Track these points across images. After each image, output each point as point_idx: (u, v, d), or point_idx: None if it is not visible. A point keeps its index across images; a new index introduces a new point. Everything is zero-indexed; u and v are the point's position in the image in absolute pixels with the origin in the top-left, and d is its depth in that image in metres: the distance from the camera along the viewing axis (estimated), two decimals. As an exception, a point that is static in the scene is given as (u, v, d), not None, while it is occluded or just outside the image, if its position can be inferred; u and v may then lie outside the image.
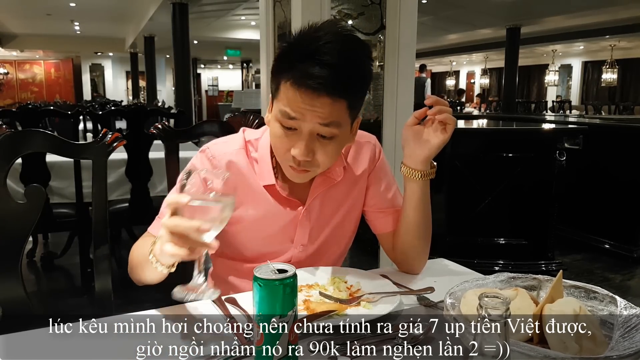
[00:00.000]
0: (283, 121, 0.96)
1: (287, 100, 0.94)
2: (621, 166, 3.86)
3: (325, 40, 0.92)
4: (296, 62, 0.92)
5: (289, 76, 0.93)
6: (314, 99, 0.92)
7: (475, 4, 9.73)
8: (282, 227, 1.11)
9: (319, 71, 0.90)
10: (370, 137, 1.21)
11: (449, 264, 1.22)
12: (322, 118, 0.93)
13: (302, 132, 0.95)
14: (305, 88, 0.91)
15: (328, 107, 0.93)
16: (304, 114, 0.93)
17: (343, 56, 0.92)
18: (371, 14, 2.67)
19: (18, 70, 18.91)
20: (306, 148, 0.95)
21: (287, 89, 0.94)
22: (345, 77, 0.93)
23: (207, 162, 1.07)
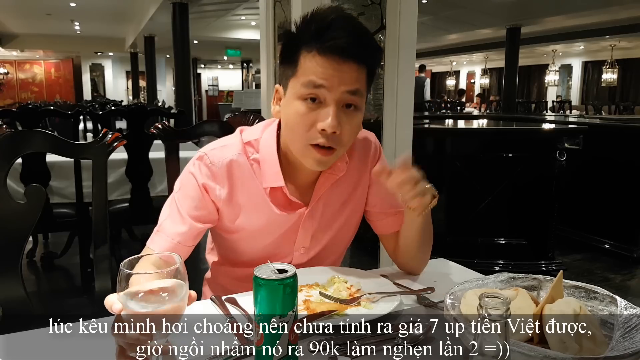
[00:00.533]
0: (308, 93, 0.94)
1: (312, 69, 0.94)
2: (621, 166, 3.86)
3: (337, 15, 0.96)
4: (317, 33, 0.94)
5: (312, 46, 0.94)
6: (342, 64, 0.93)
7: (475, 4, 9.72)
8: (284, 232, 1.08)
9: (344, 37, 0.92)
10: (368, 134, 1.19)
11: (449, 264, 1.22)
12: (350, 84, 0.94)
13: (329, 102, 0.94)
14: (333, 53, 0.92)
15: (355, 73, 0.95)
16: (331, 79, 0.93)
17: (361, 27, 0.98)
18: (371, 13, 2.67)
19: (18, 70, 18.91)
20: (335, 118, 0.94)
21: (311, 58, 0.94)
22: (366, 44, 0.97)
23: (206, 169, 1.02)
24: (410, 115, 2.64)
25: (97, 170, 1.20)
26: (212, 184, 1.02)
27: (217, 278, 1.20)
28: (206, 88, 22.26)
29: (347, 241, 1.21)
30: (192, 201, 1.02)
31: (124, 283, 0.62)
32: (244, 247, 1.10)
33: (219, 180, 1.02)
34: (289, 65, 0.98)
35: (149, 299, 0.63)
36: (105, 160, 1.21)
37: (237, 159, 1.03)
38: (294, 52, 0.97)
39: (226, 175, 1.02)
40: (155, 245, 1.01)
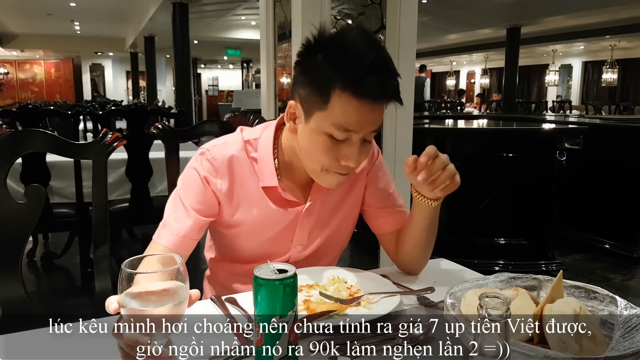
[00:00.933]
0: (336, 134, 0.94)
1: (345, 112, 0.91)
2: (621, 166, 3.86)
3: (367, 48, 0.92)
4: (357, 77, 0.90)
5: (348, 88, 0.90)
6: (374, 108, 0.93)
7: (475, 4, 9.72)
8: (282, 229, 1.10)
9: (377, 80, 0.90)
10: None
11: (449, 264, 1.22)
12: (376, 125, 0.95)
13: (355, 141, 0.95)
14: (369, 99, 0.91)
15: (381, 113, 0.95)
16: (362, 125, 0.93)
17: (388, 61, 0.94)
18: (371, 13, 2.67)
19: (18, 70, 18.91)
20: (360, 154, 0.96)
21: (346, 100, 0.91)
22: (394, 81, 0.94)
23: (208, 164, 1.04)
24: (410, 115, 2.64)
25: (97, 170, 1.20)
26: (214, 178, 1.04)
27: (216, 275, 1.21)
28: (206, 88, 22.25)
29: (344, 240, 1.22)
30: (195, 195, 1.04)
31: (125, 283, 0.62)
32: (242, 244, 1.11)
33: (220, 174, 1.04)
34: (318, 96, 0.94)
35: (149, 299, 0.63)
36: (106, 160, 1.21)
37: (237, 155, 1.05)
38: (326, 86, 0.92)
39: (227, 170, 1.04)
40: (162, 239, 1.02)
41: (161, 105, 9.55)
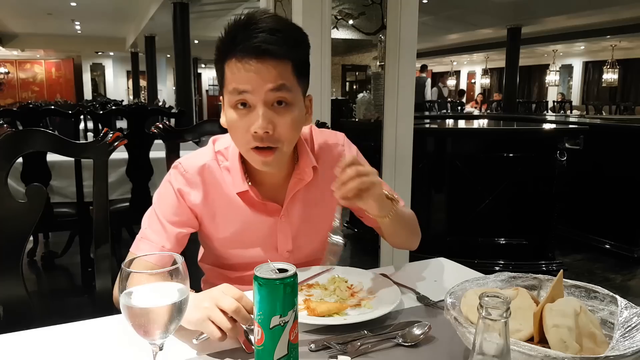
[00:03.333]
0: (235, 100, 0.96)
1: (233, 76, 0.95)
2: (622, 166, 3.85)
3: (249, 17, 0.95)
4: (231, 41, 0.94)
5: (230, 55, 0.95)
6: (258, 64, 0.93)
7: (476, 4, 9.72)
8: (263, 235, 1.09)
9: (258, 37, 0.92)
10: (337, 136, 1.19)
11: (449, 263, 1.22)
12: (271, 81, 0.94)
13: (256, 105, 0.95)
14: (249, 56, 0.93)
15: (274, 70, 0.94)
16: (252, 82, 0.94)
17: (278, 21, 0.96)
18: (372, 13, 2.67)
19: (19, 70, 18.92)
20: (264, 118, 0.94)
21: (232, 66, 0.95)
22: (285, 38, 0.95)
23: (180, 176, 1.06)
24: (410, 115, 2.63)
25: (97, 169, 1.20)
26: (187, 189, 1.06)
27: (212, 281, 1.20)
28: (207, 88, 22.25)
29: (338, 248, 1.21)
30: (170, 207, 1.05)
31: (125, 282, 0.62)
32: (230, 251, 1.11)
33: (192, 185, 1.06)
34: (219, 77, 1.00)
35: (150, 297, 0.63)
36: (106, 159, 1.21)
37: (208, 165, 1.07)
38: (219, 63, 0.99)
39: (199, 180, 1.06)
40: (140, 252, 1.03)
41: (162, 105, 9.54)
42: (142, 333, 0.63)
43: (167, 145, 1.55)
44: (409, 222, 1.15)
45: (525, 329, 0.71)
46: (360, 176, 0.91)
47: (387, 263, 2.53)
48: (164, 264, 0.66)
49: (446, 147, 3.57)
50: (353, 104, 3.12)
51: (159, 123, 1.56)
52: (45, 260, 3.56)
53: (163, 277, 0.63)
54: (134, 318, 0.62)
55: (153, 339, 0.64)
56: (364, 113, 3.04)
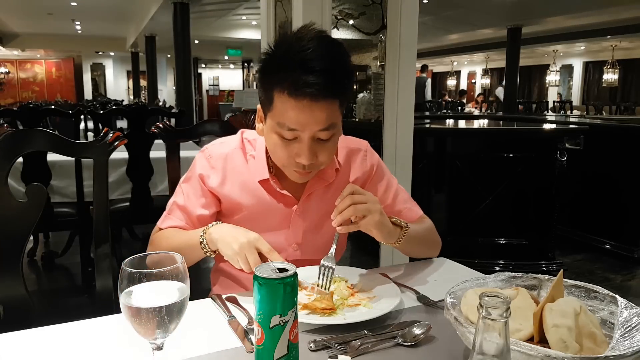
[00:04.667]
0: (283, 133, 0.98)
1: (285, 112, 0.96)
2: (622, 166, 3.85)
3: (309, 47, 0.94)
4: (288, 73, 0.93)
5: (283, 87, 0.94)
6: (313, 106, 0.94)
7: (476, 4, 9.72)
8: (276, 223, 1.13)
9: (314, 78, 0.92)
10: (360, 143, 1.23)
11: (450, 263, 1.22)
12: (321, 124, 0.97)
13: (303, 139, 0.98)
14: (303, 97, 0.93)
15: (325, 112, 0.96)
16: (303, 124, 0.96)
17: (331, 59, 0.95)
18: (372, 13, 2.67)
19: (19, 70, 18.92)
20: (310, 154, 0.99)
21: (283, 100, 0.95)
22: (337, 79, 0.96)
23: (205, 161, 1.14)
24: (410, 115, 2.63)
25: (98, 169, 1.20)
26: (207, 173, 1.13)
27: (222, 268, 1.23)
28: (207, 88, 22.26)
29: (340, 248, 1.23)
30: (195, 190, 1.13)
31: (125, 282, 0.62)
32: None
33: (214, 169, 1.13)
34: (265, 97, 1.00)
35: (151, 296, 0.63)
36: (106, 159, 1.21)
37: (232, 153, 1.14)
38: (268, 88, 0.98)
39: (221, 165, 1.13)
40: (165, 224, 1.12)
41: (162, 104, 9.55)
42: (142, 333, 0.63)
43: (167, 145, 1.55)
44: (424, 239, 1.18)
45: (525, 329, 0.71)
46: (355, 204, 0.95)
47: (387, 263, 2.53)
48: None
49: (446, 147, 3.57)
50: (353, 104, 3.12)
51: (159, 123, 1.57)
52: (45, 259, 3.55)
53: (163, 276, 0.63)
54: (134, 318, 0.62)
55: (153, 338, 0.64)
56: (364, 113, 3.03)
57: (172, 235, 1.10)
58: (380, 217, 0.98)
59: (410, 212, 1.22)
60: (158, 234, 1.13)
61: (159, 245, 1.09)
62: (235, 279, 1.18)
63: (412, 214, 1.22)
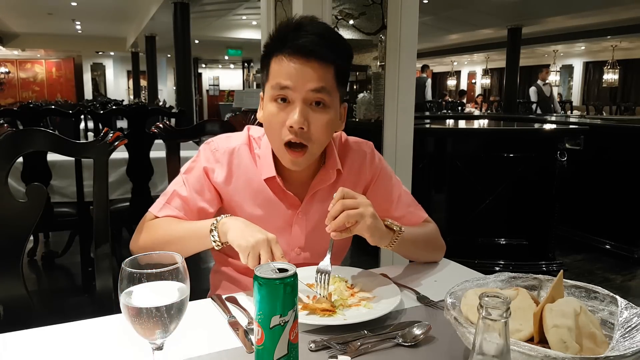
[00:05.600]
0: (276, 94, 1.01)
1: (278, 71, 1.01)
2: (622, 166, 3.85)
3: (302, 20, 1.03)
4: (283, 37, 1.01)
5: (279, 51, 1.01)
6: (305, 64, 0.99)
7: (476, 4, 9.72)
8: (279, 226, 1.12)
9: (307, 38, 0.99)
10: (365, 144, 1.23)
11: (450, 263, 1.22)
12: (313, 82, 1.00)
13: (295, 100, 1.01)
14: (296, 54, 0.99)
15: (318, 72, 1.00)
16: (296, 79, 0.99)
17: (326, 29, 1.04)
18: (372, 13, 2.67)
19: (19, 70, 18.92)
20: (300, 114, 1.00)
21: (278, 62, 1.01)
22: (331, 43, 1.02)
23: (211, 154, 1.12)
24: (411, 115, 2.63)
25: (98, 169, 1.20)
26: (212, 166, 1.12)
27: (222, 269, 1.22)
28: (207, 88, 22.26)
29: (342, 249, 1.24)
30: (199, 183, 1.12)
31: (125, 282, 0.62)
32: None
33: (219, 163, 1.12)
34: (263, 72, 1.07)
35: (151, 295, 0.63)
36: (106, 159, 1.21)
37: (239, 149, 1.13)
38: (266, 60, 1.05)
39: (227, 160, 1.12)
40: (163, 213, 1.10)
41: (162, 104, 9.55)
42: (142, 333, 0.63)
43: (167, 145, 1.55)
44: (423, 243, 1.18)
45: (525, 329, 0.71)
46: (347, 210, 0.94)
47: (387, 263, 2.53)
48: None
49: (446, 147, 3.57)
50: (353, 104, 3.12)
51: (159, 123, 1.57)
52: (45, 259, 3.56)
53: (163, 275, 0.63)
54: (134, 318, 0.62)
55: (153, 338, 0.64)
56: (364, 113, 3.03)
57: (171, 223, 1.08)
58: (373, 221, 0.97)
59: (413, 216, 1.22)
60: (154, 221, 1.10)
61: (155, 231, 1.07)
62: (236, 281, 1.17)
63: (415, 218, 1.22)
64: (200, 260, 2.42)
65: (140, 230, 1.10)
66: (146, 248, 1.06)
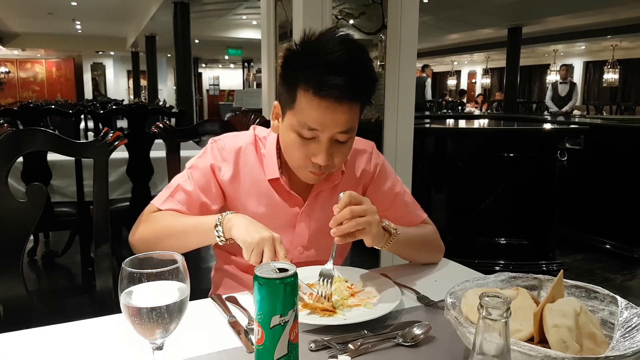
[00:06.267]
0: (302, 132, 0.99)
1: (308, 111, 0.97)
2: (622, 166, 3.85)
3: (338, 49, 0.95)
4: (315, 72, 0.95)
5: (309, 86, 0.95)
6: (336, 108, 0.96)
7: (476, 4, 9.71)
8: (282, 224, 1.12)
9: (341, 80, 0.94)
10: (367, 144, 1.23)
11: (450, 263, 1.22)
12: (342, 126, 0.98)
13: (322, 140, 0.99)
14: (328, 97, 0.95)
15: (347, 114, 0.98)
16: (324, 124, 0.97)
17: (355, 63, 0.97)
18: (372, 13, 2.67)
19: (19, 69, 18.91)
20: (327, 155, 1.00)
21: (308, 99, 0.96)
22: (361, 83, 0.98)
23: (217, 152, 1.12)
24: (411, 115, 2.63)
25: (98, 169, 1.20)
26: (219, 164, 1.12)
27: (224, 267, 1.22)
28: (207, 87, 22.26)
29: (343, 250, 1.24)
30: (205, 180, 1.11)
31: (125, 282, 0.62)
32: None
33: (226, 162, 1.12)
34: (287, 95, 1.01)
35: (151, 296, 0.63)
36: (106, 159, 1.21)
37: (245, 148, 1.13)
38: (292, 85, 0.99)
39: (233, 159, 1.12)
40: (166, 206, 1.09)
41: (162, 104, 9.54)
42: (142, 333, 0.63)
43: (167, 145, 1.55)
44: (420, 245, 1.18)
45: (526, 329, 0.71)
46: (355, 217, 0.93)
47: (387, 263, 2.52)
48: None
49: (446, 147, 3.57)
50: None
51: (159, 122, 1.56)
52: (45, 259, 3.56)
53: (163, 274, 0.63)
54: (134, 317, 0.62)
55: (153, 338, 0.64)
56: (364, 113, 3.04)
57: (173, 217, 1.07)
58: (378, 229, 0.98)
59: (412, 216, 1.22)
60: (156, 214, 1.09)
61: (156, 224, 1.07)
62: (238, 279, 1.18)
63: (414, 219, 1.22)
64: (201, 260, 2.42)
65: (141, 222, 1.10)
66: (145, 240, 1.06)
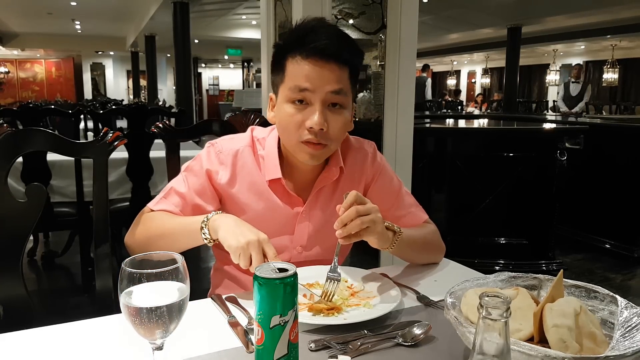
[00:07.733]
0: (294, 96, 1.02)
1: (297, 73, 1.02)
2: (622, 166, 3.85)
3: (318, 22, 1.04)
4: (299, 39, 1.02)
5: (296, 52, 1.02)
6: (324, 66, 1.00)
7: (476, 4, 9.72)
8: (281, 224, 1.13)
9: (326, 40, 1.00)
10: (367, 144, 1.23)
11: (450, 263, 1.22)
12: (333, 84, 1.01)
13: (315, 102, 1.02)
14: (315, 56, 1.00)
15: (337, 73, 1.01)
16: (315, 81, 1.00)
17: (337, 30, 1.06)
18: (372, 13, 2.67)
19: (19, 69, 18.91)
20: (321, 116, 1.01)
21: (296, 63, 1.02)
22: (347, 46, 1.04)
23: (214, 155, 1.12)
24: (410, 115, 2.63)
25: (97, 169, 1.20)
26: (216, 168, 1.12)
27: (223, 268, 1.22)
28: (207, 87, 22.26)
29: (345, 250, 1.23)
30: (199, 183, 1.11)
31: (125, 282, 0.62)
32: None
33: (223, 165, 1.12)
34: (277, 73, 1.07)
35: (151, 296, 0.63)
36: (106, 159, 1.21)
37: (242, 150, 1.13)
38: (281, 61, 1.05)
39: (231, 162, 1.11)
40: (158, 207, 1.10)
41: (162, 104, 9.55)
42: (142, 333, 0.63)
43: (167, 145, 1.55)
44: (423, 245, 1.17)
45: (526, 329, 0.71)
46: (360, 216, 0.93)
47: (387, 263, 2.52)
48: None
49: (446, 147, 3.57)
50: (353, 103, 3.12)
51: (159, 122, 1.56)
52: (45, 259, 3.56)
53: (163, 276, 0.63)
54: (134, 318, 0.62)
55: (153, 338, 0.64)
56: (364, 113, 3.03)
57: (164, 218, 1.08)
58: (382, 227, 0.98)
59: (413, 217, 1.21)
60: (149, 214, 1.10)
61: (149, 225, 1.07)
62: (237, 279, 1.17)
63: (415, 219, 1.22)
64: (200, 260, 2.42)
65: (137, 224, 1.11)
66: (140, 242, 1.07)
